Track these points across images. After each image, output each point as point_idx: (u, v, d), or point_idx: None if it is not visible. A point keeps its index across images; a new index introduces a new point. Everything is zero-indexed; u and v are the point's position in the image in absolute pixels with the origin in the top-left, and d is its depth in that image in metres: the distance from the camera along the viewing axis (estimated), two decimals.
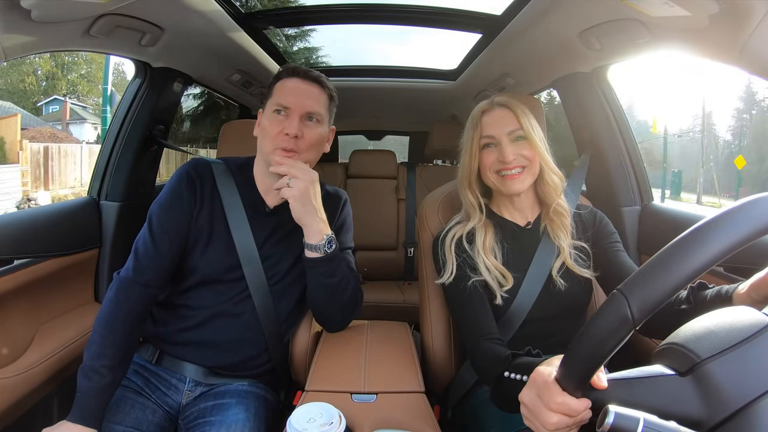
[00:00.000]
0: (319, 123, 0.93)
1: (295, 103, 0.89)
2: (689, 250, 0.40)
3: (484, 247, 0.91)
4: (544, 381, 0.49)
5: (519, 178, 0.89)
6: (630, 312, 0.40)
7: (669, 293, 0.40)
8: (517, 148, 0.88)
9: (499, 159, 0.89)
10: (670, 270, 0.40)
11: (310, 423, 0.68)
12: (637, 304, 0.40)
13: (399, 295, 2.04)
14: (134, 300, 0.86)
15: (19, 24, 0.85)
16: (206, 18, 1.24)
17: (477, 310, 0.87)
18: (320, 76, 0.95)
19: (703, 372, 0.42)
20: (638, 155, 1.42)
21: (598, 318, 0.43)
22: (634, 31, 1.02)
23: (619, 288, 0.42)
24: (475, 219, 0.94)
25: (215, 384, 0.94)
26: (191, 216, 0.93)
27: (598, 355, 0.42)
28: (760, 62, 0.79)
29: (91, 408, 0.78)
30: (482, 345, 0.82)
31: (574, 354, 0.45)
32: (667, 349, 0.47)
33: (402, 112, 2.82)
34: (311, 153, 0.93)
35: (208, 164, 0.98)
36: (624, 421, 0.39)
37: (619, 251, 0.93)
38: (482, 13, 1.46)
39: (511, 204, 0.97)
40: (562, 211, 0.92)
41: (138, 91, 1.45)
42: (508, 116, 0.90)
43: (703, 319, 0.47)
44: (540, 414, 0.49)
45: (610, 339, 0.41)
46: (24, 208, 7.05)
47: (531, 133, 0.89)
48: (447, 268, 0.91)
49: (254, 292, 0.94)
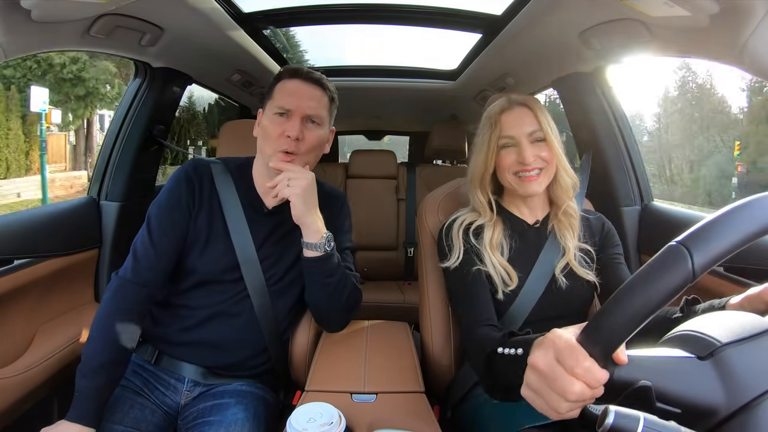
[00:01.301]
0: (320, 125, 0.93)
1: (297, 105, 0.89)
2: (756, 209, 0.39)
3: (491, 244, 0.90)
4: (567, 342, 0.42)
5: (537, 180, 0.88)
6: (691, 262, 0.37)
7: (733, 247, 0.38)
8: (536, 150, 0.87)
9: (518, 160, 0.87)
10: (736, 225, 0.38)
11: (310, 423, 0.68)
12: (699, 255, 0.38)
13: (399, 295, 2.04)
14: (132, 300, 0.86)
15: (19, 24, 0.85)
16: (206, 18, 1.24)
17: (478, 297, 0.87)
18: (322, 78, 0.95)
19: (723, 357, 0.41)
20: (638, 155, 1.42)
21: (652, 267, 0.39)
22: (634, 31, 1.02)
23: (677, 240, 0.39)
24: (485, 217, 0.93)
25: (214, 384, 0.94)
26: (190, 216, 0.93)
27: (644, 310, 0.38)
28: (760, 62, 0.79)
29: (89, 407, 0.78)
30: (479, 330, 0.81)
31: (612, 309, 0.40)
32: (681, 335, 0.46)
33: (402, 112, 2.82)
34: (311, 155, 0.93)
35: (207, 165, 0.98)
36: (624, 421, 0.38)
37: (621, 264, 0.94)
38: (482, 13, 1.46)
39: (522, 202, 0.96)
40: (572, 212, 0.92)
41: (138, 91, 1.45)
42: (528, 116, 0.89)
43: (716, 315, 0.47)
44: (559, 381, 0.42)
45: (662, 290, 0.38)
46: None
47: (550, 134, 0.88)
48: (454, 253, 0.91)
49: (252, 293, 0.94)
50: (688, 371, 0.42)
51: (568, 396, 0.42)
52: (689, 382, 0.41)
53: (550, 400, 0.43)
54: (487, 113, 0.93)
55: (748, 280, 0.97)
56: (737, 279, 1.00)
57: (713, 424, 0.40)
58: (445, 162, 2.84)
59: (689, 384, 0.41)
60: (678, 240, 0.39)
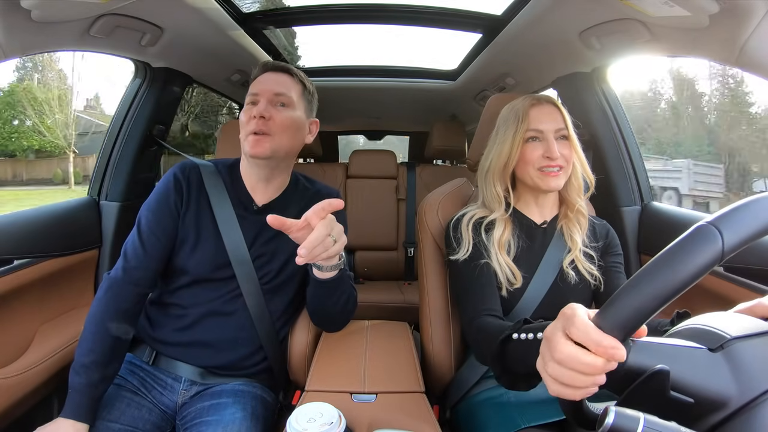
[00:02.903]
0: (290, 107, 0.94)
1: (262, 89, 0.92)
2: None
3: (500, 242, 0.91)
4: (572, 310, 0.42)
5: (558, 176, 0.89)
6: (722, 241, 0.37)
7: (764, 231, 0.38)
8: (560, 147, 0.88)
9: (545, 155, 0.88)
10: (766, 210, 0.38)
11: (310, 423, 0.68)
12: (730, 235, 0.37)
13: (399, 295, 2.04)
14: (124, 299, 0.87)
15: (19, 24, 0.85)
16: (206, 18, 1.24)
17: (484, 288, 0.87)
18: (289, 67, 0.98)
19: (733, 350, 0.41)
20: (638, 155, 1.42)
21: (680, 245, 0.39)
22: (634, 31, 1.02)
23: (707, 221, 0.39)
24: (498, 212, 0.93)
25: (211, 384, 0.94)
26: (178, 216, 0.94)
27: (669, 287, 0.37)
28: (760, 62, 0.79)
29: (83, 403, 0.79)
30: (484, 318, 0.81)
31: (636, 284, 0.39)
32: (689, 329, 0.46)
33: (402, 112, 2.82)
34: (284, 137, 0.92)
35: (196, 166, 0.99)
36: (624, 421, 0.38)
37: (621, 273, 0.95)
38: (482, 13, 1.46)
39: (534, 201, 0.97)
40: (584, 211, 0.94)
41: (138, 91, 1.45)
42: (556, 114, 0.90)
43: (723, 313, 0.47)
44: (552, 340, 0.42)
45: (690, 269, 0.37)
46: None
47: (572, 133, 0.90)
48: (463, 246, 0.91)
49: (245, 291, 0.94)
50: (701, 361, 0.42)
51: (554, 354, 0.41)
52: (702, 372, 0.41)
53: (545, 361, 0.43)
54: (512, 107, 0.93)
55: (748, 280, 0.97)
56: (737, 279, 1.00)
57: (723, 417, 0.40)
58: (445, 162, 2.84)
59: (702, 374, 0.41)
60: (708, 220, 0.39)
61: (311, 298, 0.93)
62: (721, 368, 0.41)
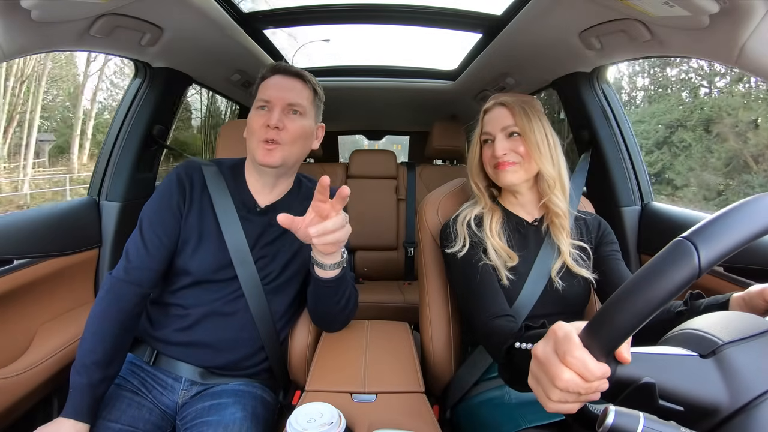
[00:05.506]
0: (303, 116, 0.94)
1: (276, 96, 0.91)
2: (762, 206, 0.38)
3: (491, 230, 0.94)
4: (565, 333, 0.43)
5: (510, 169, 0.93)
6: (698, 257, 0.37)
7: (740, 244, 0.38)
8: (511, 144, 0.92)
9: (493, 154, 0.93)
10: (742, 222, 0.38)
11: (310, 423, 0.68)
12: (706, 250, 0.37)
13: (399, 295, 2.04)
14: (125, 299, 0.87)
15: (19, 24, 0.85)
16: (206, 18, 1.24)
17: (490, 290, 0.88)
18: (302, 72, 0.96)
19: (725, 356, 0.41)
20: (638, 155, 1.42)
21: (657, 262, 0.39)
22: (634, 31, 1.02)
23: (683, 235, 0.39)
24: (481, 203, 0.98)
25: (212, 384, 0.94)
26: (180, 216, 0.93)
27: (648, 306, 0.38)
28: (760, 62, 0.79)
29: (83, 403, 0.79)
30: (495, 322, 0.82)
31: (616, 304, 0.40)
32: (682, 334, 0.46)
33: (402, 112, 2.82)
34: (295, 146, 0.93)
35: (199, 166, 0.99)
36: (624, 421, 0.38)
37: (619, 260, 0.95)
38: (482, 13, 1.46)
39: (515, 199, 0.99)
40: (558, 211, 0.94)
41: (138, 91, 1.45)
42: (504, 114, 0.94)
43: (716, 315, 0.47)
44: (551, 368, 0.43)
45: (667, 286, 0.37)
46: None
47: (526, 129, 0.92)
48: (459, 240, 0.94)
49: (247, 292, 0.94)
50: (691, 369, 0.42)
51: (556, 382, 0.42)
52: (692, 379, 0.41)
53: (544, 386, 0.44)
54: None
55: (748, 280, 0.97)
56: (737, 279, 1.00)
57: (715, 422, 0.40)
58: (445, 162, 2.84)
59: (692, 382, 0.41)
60: (684, 235, 0.39)
61: (312, 298, 0.93)
62: (712, 375, 0.41)
